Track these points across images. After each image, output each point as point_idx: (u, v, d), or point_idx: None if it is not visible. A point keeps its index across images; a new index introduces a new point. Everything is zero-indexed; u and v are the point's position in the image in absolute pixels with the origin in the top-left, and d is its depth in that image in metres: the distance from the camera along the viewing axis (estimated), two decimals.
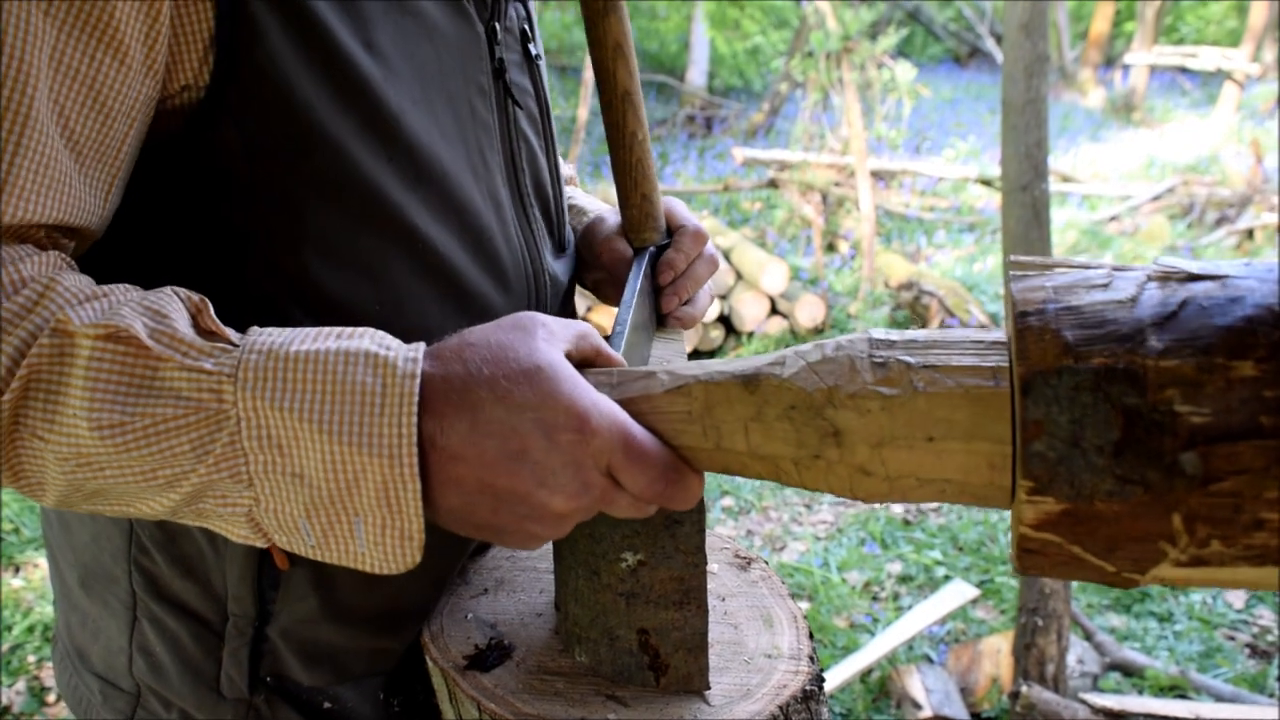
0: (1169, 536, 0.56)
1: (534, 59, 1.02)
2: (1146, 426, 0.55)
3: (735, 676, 0.84)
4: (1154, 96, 14.91)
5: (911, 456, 0.62)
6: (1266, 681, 3.22)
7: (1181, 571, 0.57)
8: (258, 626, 0.92)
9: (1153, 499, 0.55)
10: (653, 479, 0.68)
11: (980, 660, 3.18)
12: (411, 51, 0.85)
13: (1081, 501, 0.56)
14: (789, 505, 4.50)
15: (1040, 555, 0.59)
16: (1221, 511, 0.54)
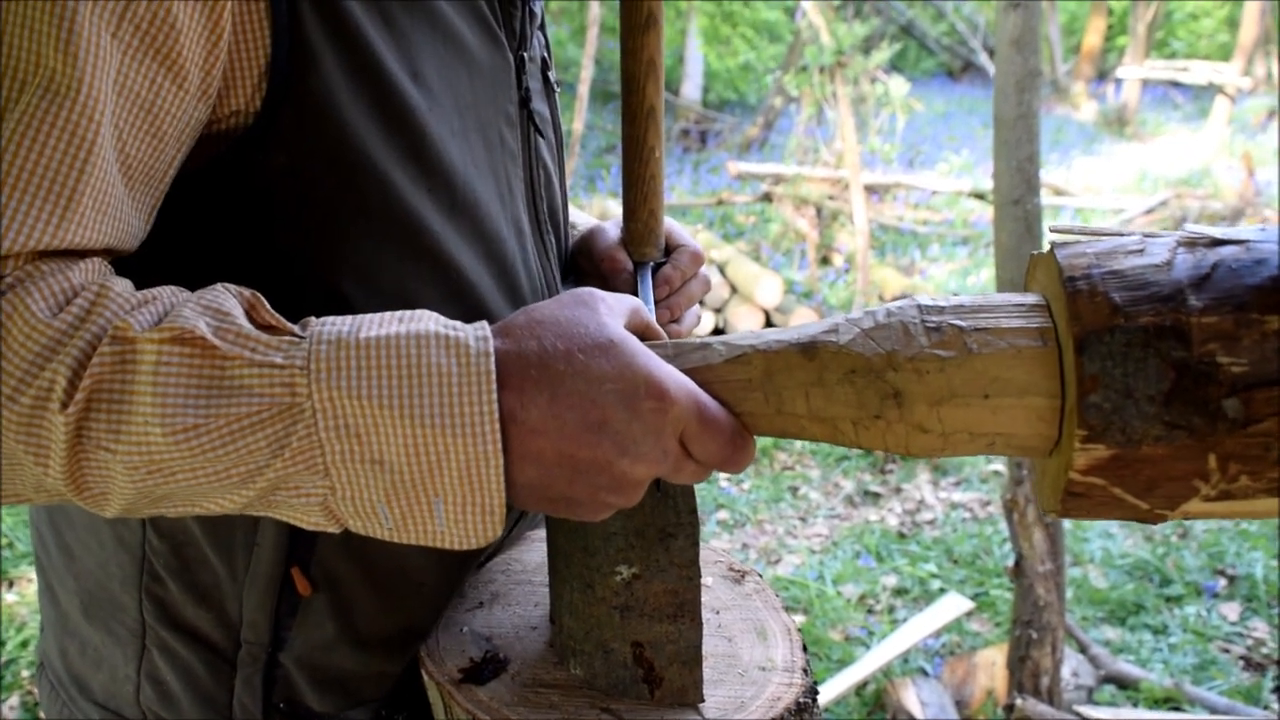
0: (1203, 475, 0.62)
1: (553, 86, 1.03)
2: (1194, 377, 0.60)
3: (730, 689, 0.84)
4: (1146, 110, 14.98)
5: (968, 414, 0.66)
6: (1261, 694, 3.22)
7: (1206, 505, 0.63)
8: (271, 653, 0.91)
9: (1195, 442, 0.61)
10: (722, 444, 0.69)
11: (975, 673, 3.18)
12: (451, 81, 0.85)
13: (1130, 447, 0.61)
14: (784, 519, 4.50)
15: (1083, 498, 0.64)
16: (1254, 450, 0.60)
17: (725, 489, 4.73)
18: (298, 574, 0.89)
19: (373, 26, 0.78)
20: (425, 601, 0.96)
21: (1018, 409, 0.66)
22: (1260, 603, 3.71)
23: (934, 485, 4.78)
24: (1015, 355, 0.65)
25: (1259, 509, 0.64)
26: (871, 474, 4.89)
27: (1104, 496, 0.64)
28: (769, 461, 5.02)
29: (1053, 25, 17.14)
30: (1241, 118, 13.18)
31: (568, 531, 0.83)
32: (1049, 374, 0.65)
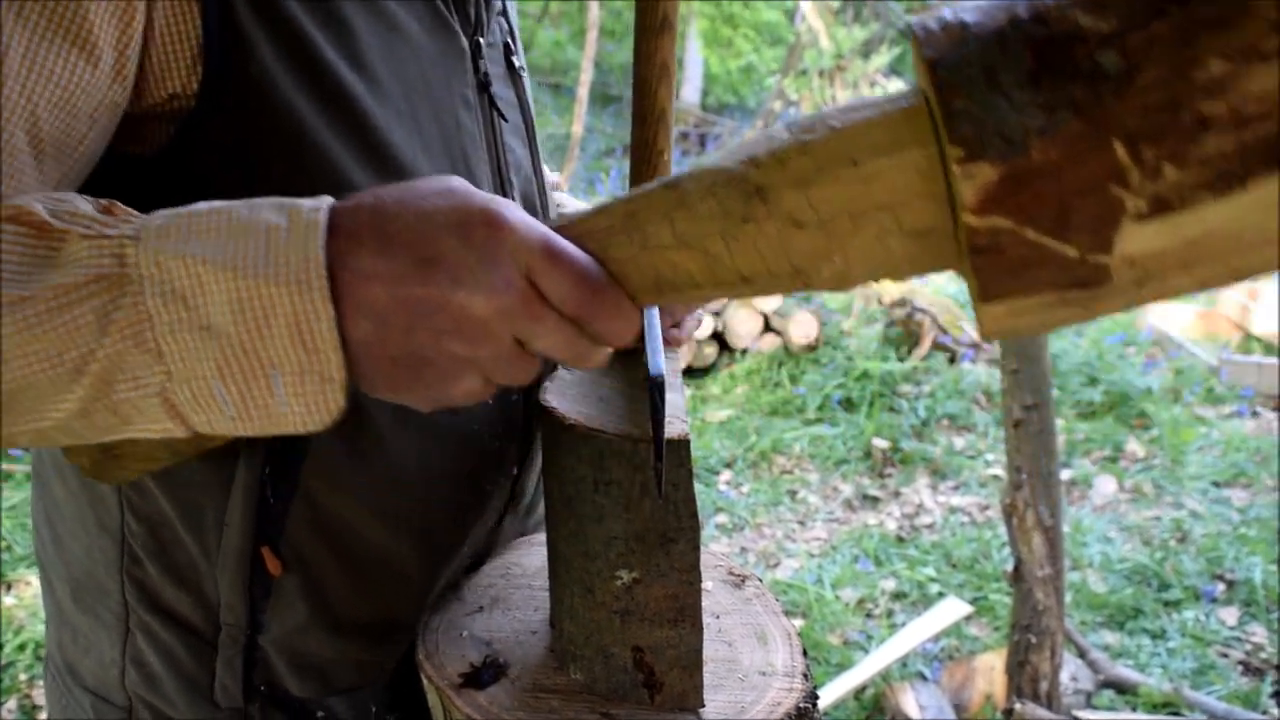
0: (1119, 175, 0.52)
1: (517, 71, 1.03)
2: (1057, 46, 0.52)
3: (730, 694, 0.84)
4: None
5: (840, 190, 0.59)
6: (1259, 699, 3.22)
7: (1150, 236, 0.53)
8: (250, 635, 0.92)
9: (1086, 125, 0.52)
10: (575, 282, 0.63)
11: (974, 677, 3.18)
12: (397, 66, 0.86)
13: (1016, 155, 0.53)
14: (782, 522, 4.50)
15: (996, 255, 0.55)
16: (1158, 115, 0.51)
17: (724, 492, 4.74)
18: (268, 553, 0.88)
19: (306, 14, 0.79)
20: (405, 592, 0.95)
21: (892, 169, 0.58)
22: (1259, 607, 3.72)
23: (933, 489, 4.78)
24: (881, 117, 0.58)
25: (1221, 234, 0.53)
26: (870, 478, 4.89)
27: (1020, 249, 0.54)
28: (768, 465, 5.02)
29: None
30: None
31: (568, 536, 0.83)
32: (920, 125, 0.57)
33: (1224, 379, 5.72)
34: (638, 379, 0.93)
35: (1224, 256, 0.54)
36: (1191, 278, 0.55)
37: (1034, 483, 2.87)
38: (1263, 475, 4.73)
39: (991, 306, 0.57)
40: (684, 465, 0.77)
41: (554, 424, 0.82)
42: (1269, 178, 0.51)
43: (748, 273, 0.63)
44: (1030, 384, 2.84)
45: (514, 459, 1.02)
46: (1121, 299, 0.56)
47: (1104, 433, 5.19)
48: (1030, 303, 0.56)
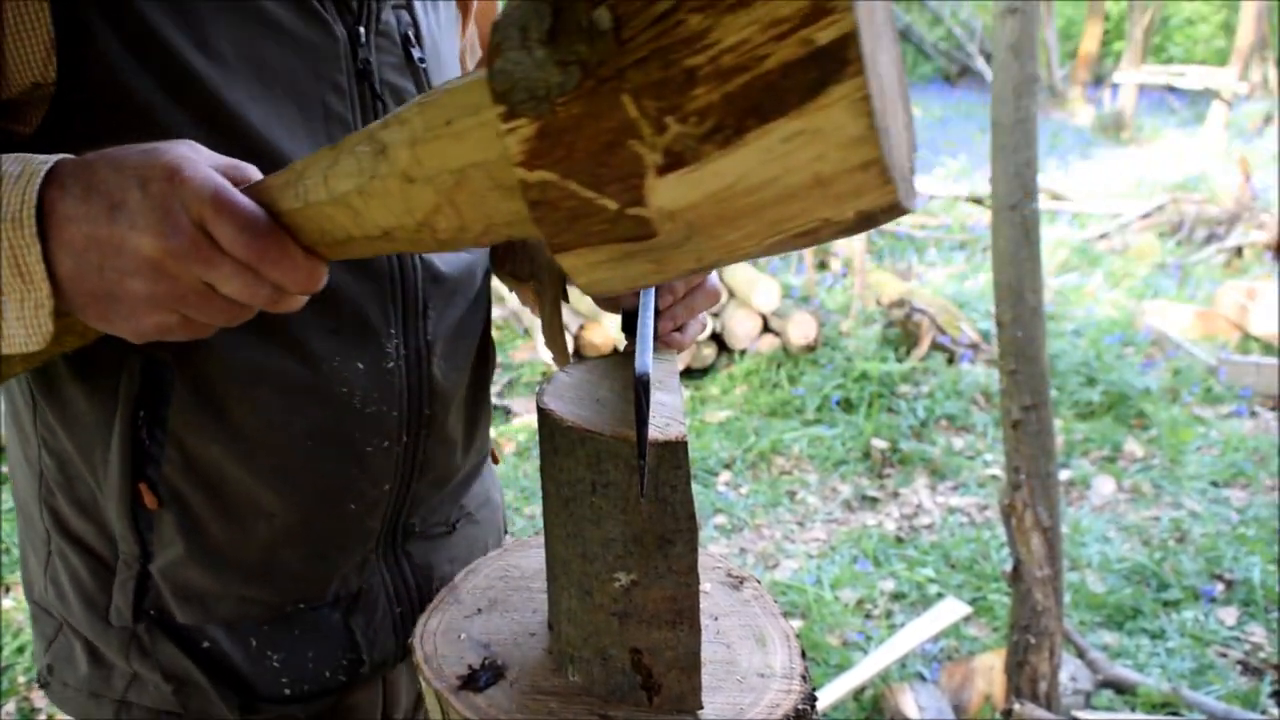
0: (632, 129, 0.56)
1: (417, 63, 1.06)
2: (566, 8, 0.56)
3: (728, 696, 0.84)
4: (1143, 115, 15.00)
5: (440, 147, 0.64)
6: (1258, 699, 3.22)
7: (672, 184, 0.57)
8: (142, 563, 1.03)
9: (597, 84, 0.56)
10: (239, 229, 0.70)
11: (973, 678, 3.18)
12: (253, 51, 0.93)
13: (546, 109, 0.57)
14: (781, 523, 4.50)
15: (550, 208, 0.60)
16: (654, 73, 0.54)
17: (723, 493, 4.74)
18: (145, 489, 0.99)
19: (153, 4, 0.87)
20: (279, 537, 1.04)
21: (476, 128, 0.62)
22: (1258, 607, 3.72)
23: (931, 490, 4.78)
24: (470, 83, 0.63)
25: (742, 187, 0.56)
26: (869, 478, 4.89)
27: (568, 201, 0.59)
28: (766, 466, 5.02)
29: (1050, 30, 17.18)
30: (1238, 123, 13.21)
31: (566, 538, 0.83)
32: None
33: (1222, 379, 5.72)
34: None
35: (756, 210, 0.57)
36: (742, 232, 0.59)
37: (1033, 483, 2.87)
38: (1261, 475, 4.73)
39: (565, 258, 0.62)
40: (681, 467, 0.77)
41: (552, 426, 0.82)
42: (761, 129, 0.54)
43: (385, 226, 0.69)
44: (1028, 384, 2.84)
45: (398, 425, 1.06)
46: (686, 254, 0.61)
47: (1102, 433, 5.19)
48: (599, 255, 0.61)
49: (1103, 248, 8.54)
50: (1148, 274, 7.81)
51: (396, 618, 1.15)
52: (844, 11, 0.51)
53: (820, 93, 0.52)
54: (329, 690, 1.11)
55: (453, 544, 1.23)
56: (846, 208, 0.56)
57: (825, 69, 0.52)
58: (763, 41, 0.52)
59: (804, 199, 0.56)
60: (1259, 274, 7.50)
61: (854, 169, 0.54)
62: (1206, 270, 7.77)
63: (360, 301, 1.01)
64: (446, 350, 1.10)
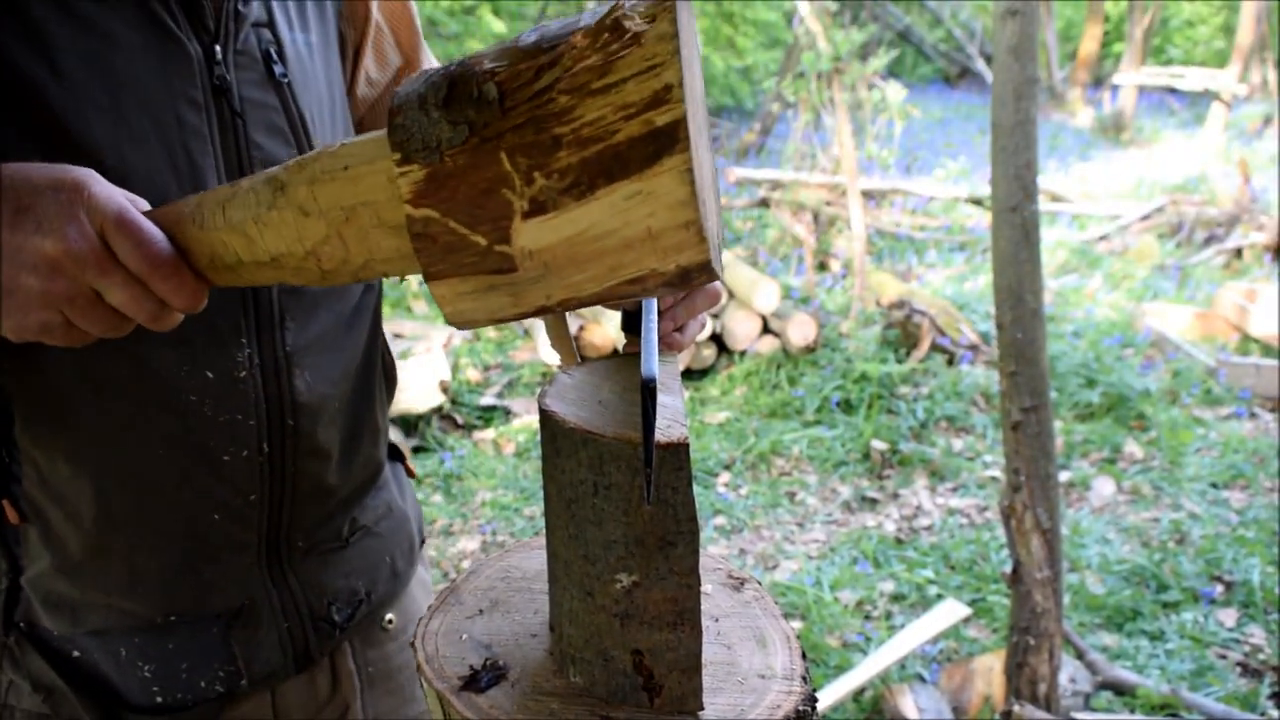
0: (506, 180, 0.68)
1: (278, 79, 1.09)
2: (463, 78, 0.69)
3: (729, 697, 0.84)
4: (1142, 116, 15.01)
5: (335, 187, 0.75)
6: (1258, 700, 3.23)
7: (535, 228, 0.68)
8: (13, 576, 1.06)
9: (480, 141, 0.68)
10: (136, 245, 0.76)
11: (973, 679, 3.18)
12: (97, 66, 0.95)
13: (435, 158, 0.69)
14: (781, 524, 4.50)
15: (430, 240, 0.71)
16: (528, 136, 0.67)
17: (723, 494, 4.74)
18: (8, 505, 1.03)
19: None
20: (139, 543, 1.06)
21: (370, 174, 0.74)
22: (1257, 609, 3.72)
23: (931, 491, 4.78)
24: (368, 139, 0.75)
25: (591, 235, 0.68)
26: (869, 480, 4.90)
27: (446, 236, 0.70)
28: (766, 467, 5.03)
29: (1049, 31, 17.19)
30: (1238, 124, 13.21)
31: (568, 539, 0.83)
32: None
33: (1222, 380, 5.73)
34: (637, 383, 0.94)
35: (599, 256, 0.69)
36: (586, 274, 0.70)
37: (1032, 484, 2.87)
38: (1261, 477, 4.73)
39: (437, 286, 0.73)
40: (683, 469, 0.77)
41: (554, 427, 0.82)
42: (609, 188, 0.67)
43: (275, 252, 0.79)
44: (1028, 386, 2.85)
45: (256, 435, 1.07)
46: (539, 290, 0.72)
47: (1102, 434, 5.20)
48: (467, 286, 0.72)
49: (1102, 249, 8.54)
50: (1147, 275, 7.81)
51: (284, 632, 1.15)
52: (677, 102, 0.65)
53: (656, 162, 0.65)
54: (205, 699, 1.11)
55: (348, 558, 1.22)
56: (670, 260, 0.68)
57: (661, 144, 0.65)
58: (614, 119, 0.66)
59: (637, 249, 0.68)
60: (1258, 275, 7.51)
61: (678, 226, 0.67)
62: (1206, 272, 7.77)
63: (210, 312, 0.99)
64: (312, 363, 1.11)
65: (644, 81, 0.65)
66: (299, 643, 1.16)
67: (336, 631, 1.20)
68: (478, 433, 5.43)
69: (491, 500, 4.72)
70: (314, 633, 1.18)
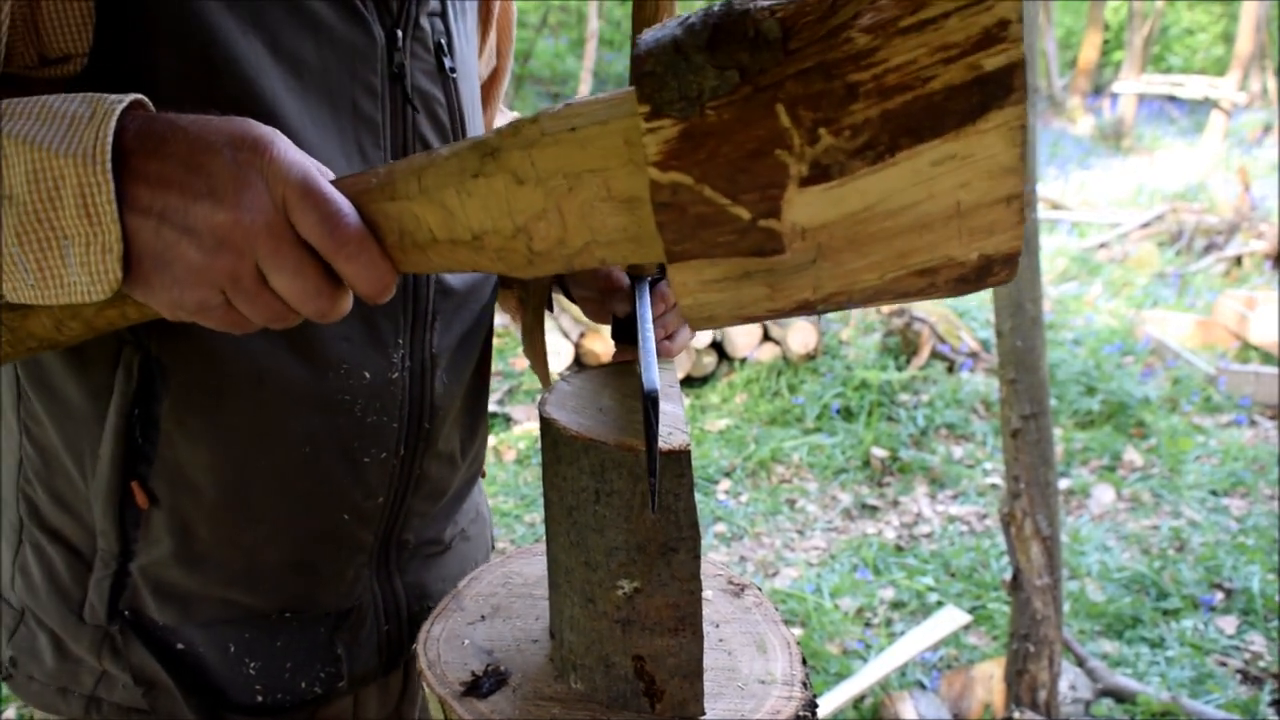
0: (783, 138, 0.57)
1: (448, 72, 1.06)
2: (732, 19, 0.58)
3: (730, 702, 0.84)
4: (1142, 124, 15.04)
5: (558, 151, 0.65)
6: (1258, 708, 3.22)
7: (813, 198, 0.58)
8: (121, 562, 1.00)
9: (754, 91, 0.57)
10: (324, 216, 0.68)
11: (973, 686, 3.18)
12: (291, 43, 0.90)
13: (693, 113, 0.58)
14: (781, 531, 4.50)
15: (678, 212, 0.60)
16: (815, 84, 0.56)
17: (723, 502, 4.74)
18: (137, 488, 0.97)
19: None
20: (266, 541, 1.02)
21: (602, 135, 0.63)
22: (1257, 616, 3.72)
23: (931, 498, 4.78)
24: (603, 100, 0.65)
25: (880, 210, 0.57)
26: (869, 487, 4.90)
27: (698, 206, 0.59)
28: (766, 474, 5.03)
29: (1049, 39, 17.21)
30: (1238, 132, 13.23)
31: (569, 546, 0.84)
32: (629, 103, 0.63)
33: (1222, 388, 5.73)
34: (638, 390, 0.94)
35: (888, 237, 0.58)
36: (867, 260, 0.59)
37: (1032, 492, 2.87)
38: (1261, 484, 4.73)
39: (679, 271, 0.62)
40: (684, 475, 0.78)
41: (555, 435, 0.83)
42: (913, 150, 0.56)
43: (478, 229, 0.69)
44: (1028, 393, 2.85)
45: (396, 437, 1.06)
46: (805, 280, 0.61)
47: (1102, 442, 5.20)
48: (717, 272, 0.61)
49: (1102, 257, 8.55)
50: (1147, 283, 7.82)
51: (382, 636, 1.14)
52: (1014, 42, 0.53)
53: (981, 117, 0.54)
54: (304, 702, 1.10)
55: (446, 562, 1.22)
56: (973, 247, 0.58)
57: (989, 94, 0.54)
58: (930, 64, 0.54)
59: (938, 230, 0.58)
60: (1258, 283, 7.51)
61: (996, 201, 0.56)
62: (1206, 279, 7.78)
63: (374, 311, 1.00)
64: (449, 364, 1.09)
65: (971, 16, 0.54)
66: (394, 645, 1.16)
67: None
68: None
69: (492, 507, 4.71)
70: (409, 638, 1.17)
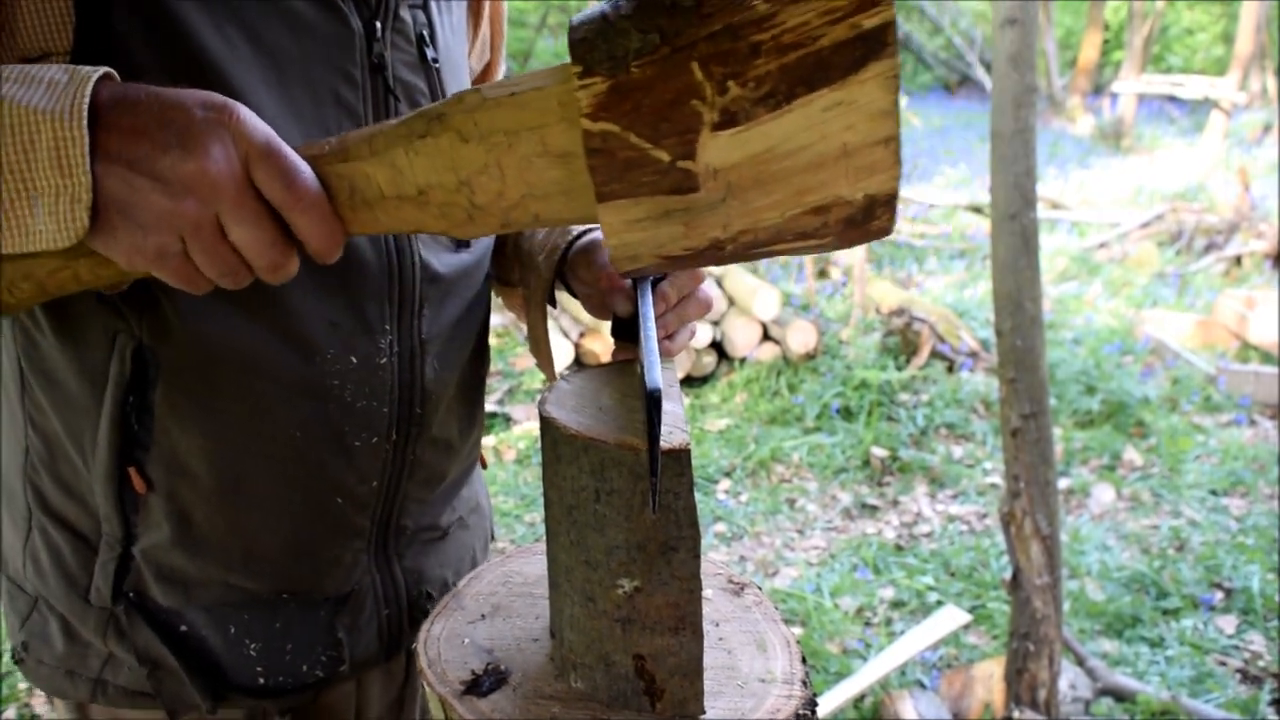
0: (697, 90, 0.66)
1: (429, 63, 1.08)
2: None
3: (730, 701, 0.85)
4: (1142, 124, 15.03)
5: (499, 113, 0.73)
6: (1258, 707, 3.23)
7: (723, 142, 0.66)
8: (124, 545, 1.04)
9: (671, 51, 0.66)
10: (282, 172, 0.73)
11: (973, 685, 3.18)
12: (268, 35, 0.94)
13: (620, 71, 0.67)
14: (781, 531, 4.51)
15: (608, 156, 0.68)
16: (724, 43, 0.65)
17: (723, 501, 4.74)
18: (134, 473, 1.00)
19: None
20: (264, 522, 1.05)
21: (539, 98, 0.71)
22: (1257, 615, 3.72)
23: (931, 498, 4.78)
24: (539, 71, 0.73)
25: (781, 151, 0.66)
26: (869, 486, 4.90)
27: (625, 151, 0.68)
28: (766, 474, 5.03)
29: (1049, 39, 17.21)
30: (1238, 132, 13.23)
31: (569, 545, 0.84)
32: (566, 72, 0.70)
33: (1221, 388, 5.73)
34: (638, 390, 0.94)
35: (788, 176, 0.67)
36: (770, 199, 0.68)
37: (1032, 491, 2.87)
38: (1260, 484, 4.74)
39: (608, 211, 0.70)
40: (685, 474, 0.78)
41: (555, 434, 0.83)
42: (807, 98, 0.65)
43: (423, 184, 0.76)
44: (1028, 393, 2.85)
45: (388, 422, 1.08)
46: (717, 218, 0.69)
47: (1102, 441, 5.20)
48: (640, 210, 0.70)
49: (1102, 257, 8.55)
50: (1147, 283, 7.82)
51: (383, 620, 1.16)
52: (887, 5, 0.64)
53: (862, 68, 0.64)
54: (305, 685, 1.12)
55: (445, 549, 1.24)
56: (859, 187, 0.67)
57: (868, 49, 0.64)
58: (819, 24, 0.64)
59: (829, 169, 0.67)
60: (1258, 283, 7.52)
61: (876, 142, 0.66)
62: (1206, 279, 7.78)
63: (360, 297, 1.03)
64: (440, 350, 1.12)
65: None
66: (395, 630, 1.18)
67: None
68: None
69: (493, 506, 4.71)
70: (409, 623, 1.19)
